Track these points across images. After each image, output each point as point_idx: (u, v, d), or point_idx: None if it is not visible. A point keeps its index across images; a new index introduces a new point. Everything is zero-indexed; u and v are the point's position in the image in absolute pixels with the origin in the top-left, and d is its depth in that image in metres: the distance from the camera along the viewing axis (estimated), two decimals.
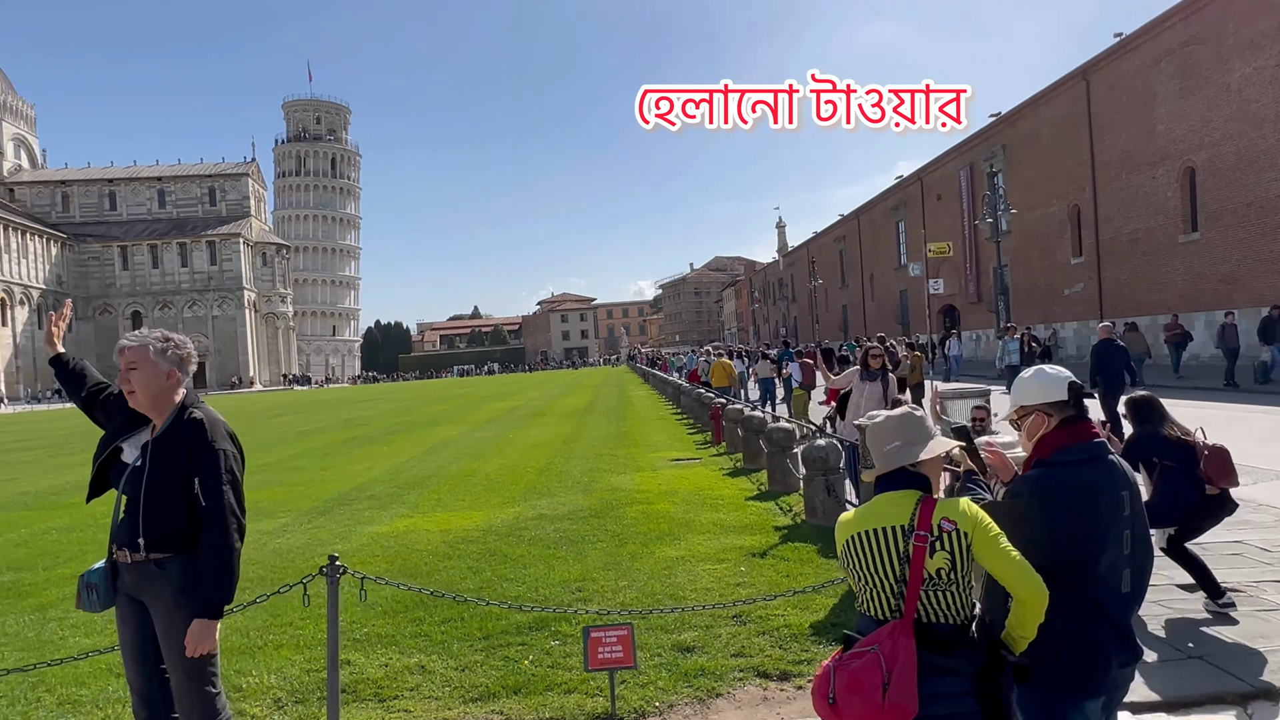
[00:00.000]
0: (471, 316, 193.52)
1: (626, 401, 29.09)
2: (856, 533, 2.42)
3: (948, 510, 2.42)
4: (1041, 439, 2.64)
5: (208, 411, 3.13)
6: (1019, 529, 2.51)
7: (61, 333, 3.62)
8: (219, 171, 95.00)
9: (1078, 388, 2.63)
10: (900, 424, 2.64)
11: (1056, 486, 2.51)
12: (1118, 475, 2.54)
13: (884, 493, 2.50)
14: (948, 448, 2.65)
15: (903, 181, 53.08)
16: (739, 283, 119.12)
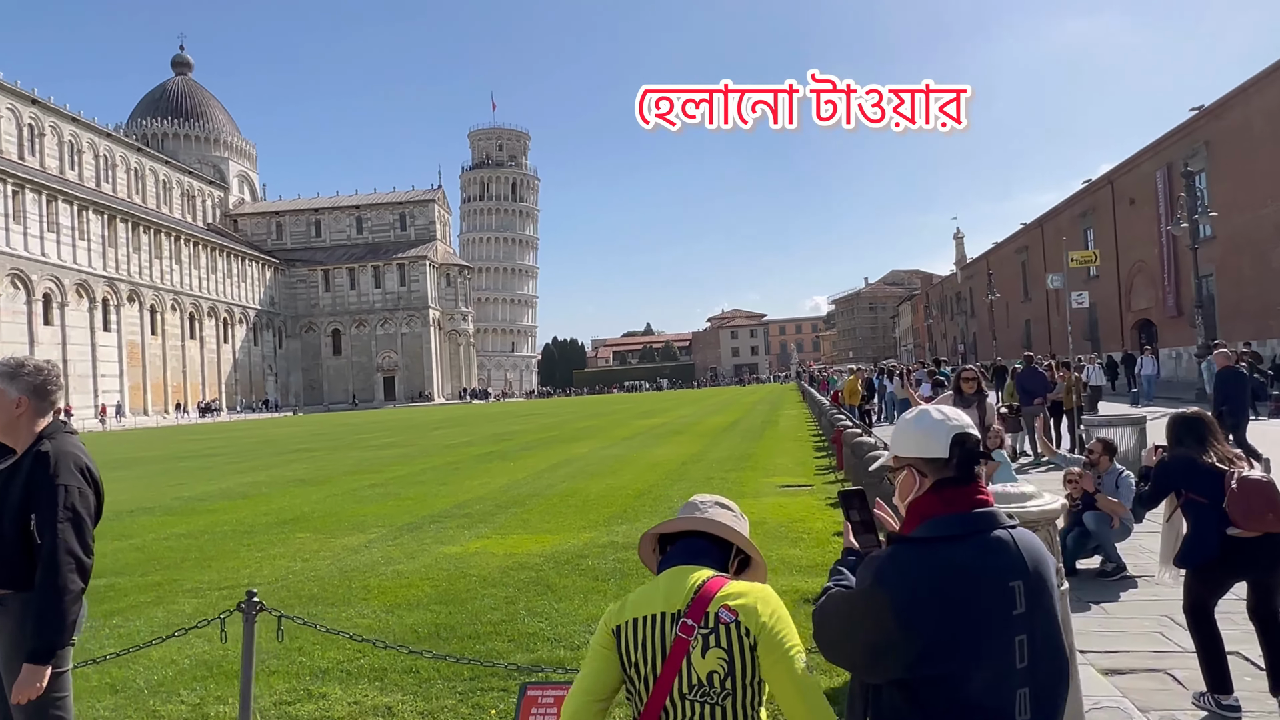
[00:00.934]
0: (644, 333, 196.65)
1: (772, 421, 28.22)
2: (622, 622, 1.90)
3: (734, 596, 1.87)
4: (911, 505, 1.98)
5: (62, 444, 2.99)
6: (858, 629, 1.88)
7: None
8: (409, 199, 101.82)
9: (962, 441, 1.95)
10: (733, 506, 2.14)
11: (909, 572, 1.85)
12: (1007, 559, 1.84)
13: (672, 566, 1.97)
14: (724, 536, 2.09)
15: (1090, 186, 48.80)
16: (915, 297, 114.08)
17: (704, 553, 1.99)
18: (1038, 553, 1.89)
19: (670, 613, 1.87)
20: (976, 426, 6.08)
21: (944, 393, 8.22)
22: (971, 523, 1.87)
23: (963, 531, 1.86)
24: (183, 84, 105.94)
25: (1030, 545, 1.89)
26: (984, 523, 1.87)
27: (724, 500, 2.11)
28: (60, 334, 60.25)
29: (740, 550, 2.07)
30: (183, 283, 76.84)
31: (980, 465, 1.98)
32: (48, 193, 61.12)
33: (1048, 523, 3.36)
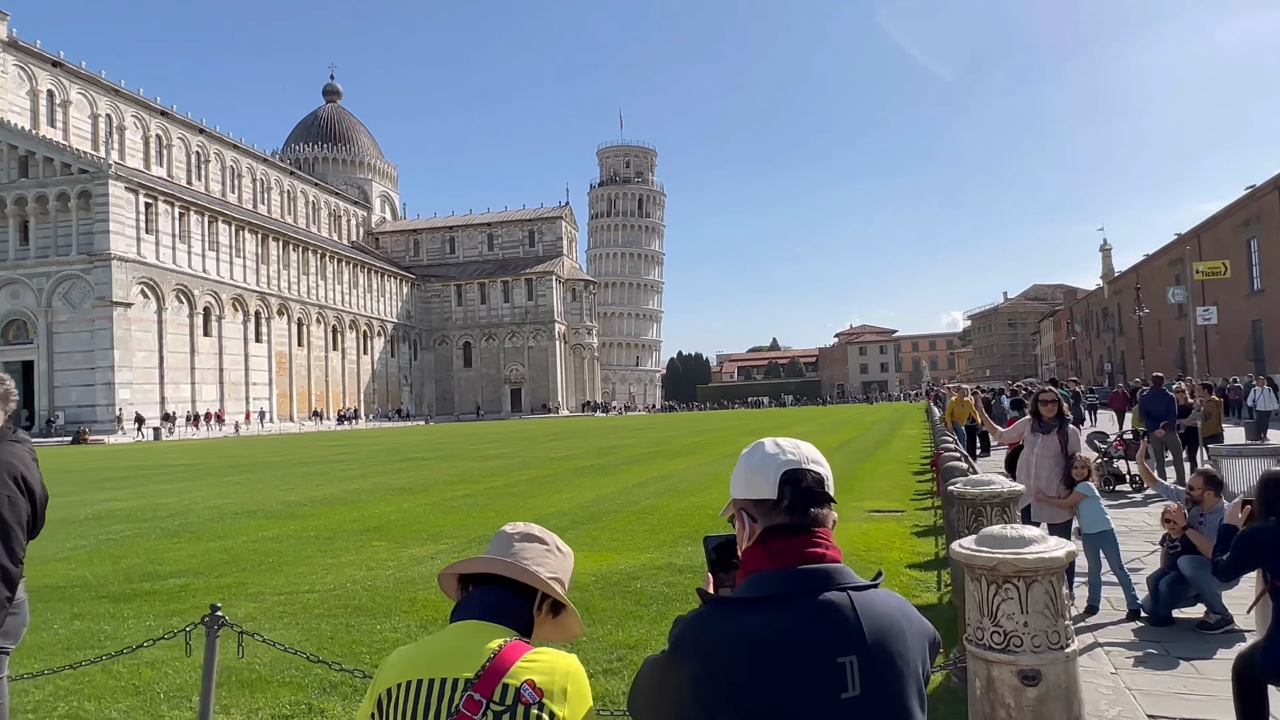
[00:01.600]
0: (770, 348, 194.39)
1: (885, 441, 27.10)
2: (399, 684, 1.60)
3: (540, 670, 1.57)
4: (742, 557, 1.65)
5: (4, 452, 3.02)
6: (661, 704, 1.57)
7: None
8: (537, 216, 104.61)
9: (795, 479, 1.60)
10: (549, 539, 1.84)
11: (711, 640, 1.52)
12: (836, 629, 1.48)
13: (465, 619, 1.69)
14: (578, 628, 1.82)
15: (1255, 192, 44.65)
16: (1058, 313, 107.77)
17: (503, 604, 1.70)
18: (886, 622, 1.52)
19: (452, 679, 1.55)
20: (1058, 456, 5.42)
21: (1021, 418, 7.50)
22: (797, 581, 1.52)
23: (784, 592, 1.51)
24: (333, 111, 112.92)
25: (876, 612, 1.52)
26: (813, 581, 1.52)
27: (535, 530, 1.82)
28: (217, 344, 65.00)
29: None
30: (327, 297, 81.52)
31: (825, 509, 1.64)
32: (209, 214, 66.22)
33: (1049, 574, 2.88)
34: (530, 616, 1.73)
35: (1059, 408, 6.89)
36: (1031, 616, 2.88)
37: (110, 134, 66.94)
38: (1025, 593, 2.88)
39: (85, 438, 48.98)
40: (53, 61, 63.06)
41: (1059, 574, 2.93)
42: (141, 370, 57.08)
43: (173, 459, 30.61)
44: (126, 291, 55.95)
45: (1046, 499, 6.81)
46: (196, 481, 20.41)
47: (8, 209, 56.90)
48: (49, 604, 7.62)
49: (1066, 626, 2.92)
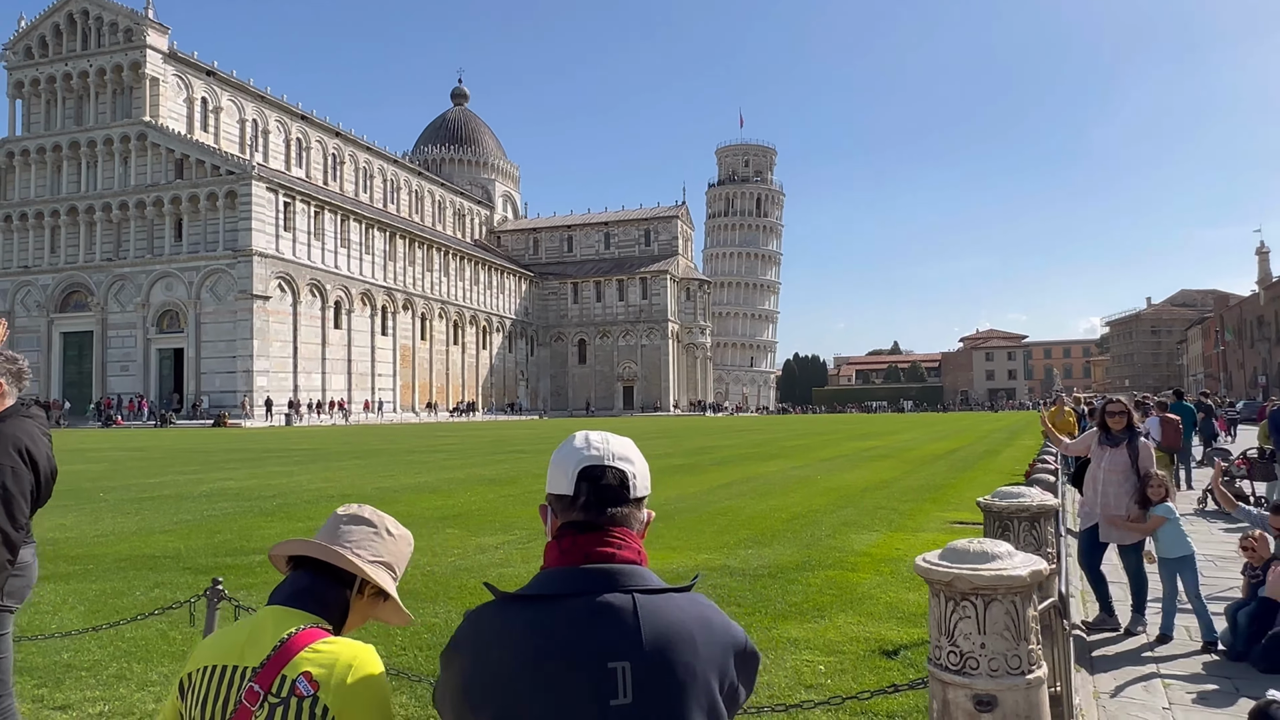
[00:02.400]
0: (890, 352, 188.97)
1: (995, 451, 25.90)
2: (189, 672, 1.62)
3: (322, 661, 1.55)
4: (545, 550, 1.61)
5: (10, 427, 3.24)
6: (445, 699, 1.54)
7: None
8: (653, 215, 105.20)
9: (595, 475, 1.53)
10: (377, 520, 1.83)
11: (485, 636, 1.48)
12: (612, 632, 1.42)
13: (273, 604, 1.69)
14: (402, 614, 1.79)
15: None
16: (1207, 320, 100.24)
17: (310, 588, 1.69)
18: (673, 629, 1.44)
19: (243, 668, 1.55)
20: (1128, 470, 5.07)
21: (1089, 430, 7.00)
22: (578, 580, 1.47)
23: (563, 591, 1.46)
24: (460, 114, 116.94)
25: (662, 618, 1.45)
26: (595, 581, 1.46)
27: (365, 513, 1.80)
28: (346, 336, 68.44)
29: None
30: (449, 293, 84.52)
31: (627, 508, 1.57)
32: (342, 212, 69.79)
33: (1009, 593, 2.68)
34: (344, 601, 1.72)
35: (1128, 419, 6.41)
36: (989, 638, 2.69)
37: (255, 137, 71.54)
38: (983, 612, 2.70)
39: (225, 421, 52.56)
40: (207, 71, 67.91)
41: (1024, 594, 2.73)
42: (277, 359, 60.74)
43: (296, 443, 32.44)
44: (265, 285, 59.66)
45: (1119, 522, 6.34)
46: (309, 465, 21.55)
47: (165, 208, 61.66)
48: (140, 572, 8.22)
49: (1030, 651, 2.72)
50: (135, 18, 62.65)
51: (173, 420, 54.32)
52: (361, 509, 1.82)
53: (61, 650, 5.51)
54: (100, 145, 63.09)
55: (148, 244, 62.16)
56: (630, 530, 1.54)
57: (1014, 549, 2.82)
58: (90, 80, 63.51)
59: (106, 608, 6.71)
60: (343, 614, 1.72)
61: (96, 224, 63.09)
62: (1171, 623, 6.24)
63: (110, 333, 62.22)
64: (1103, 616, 6.56)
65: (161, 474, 18.84)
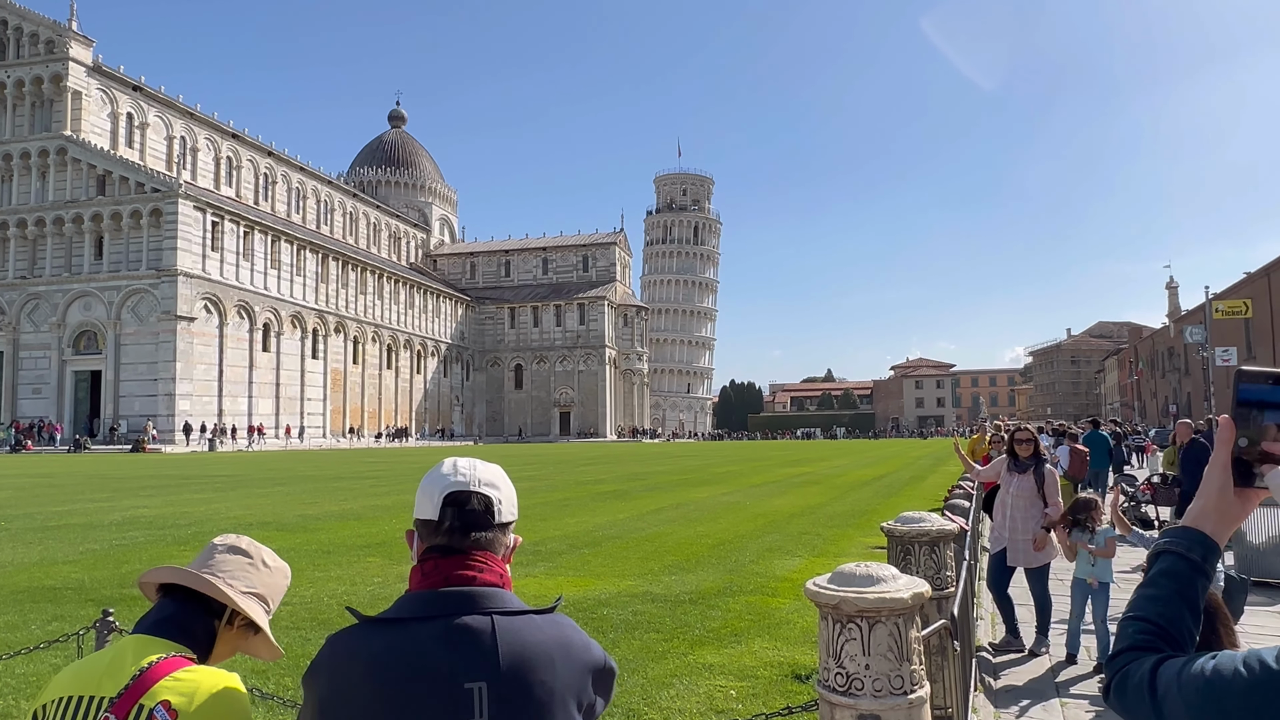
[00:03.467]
0: (824, 379, 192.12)
1: (921, 477, 26.50)
2: (52, 699, 1.58)
3: (182, 690, 1.52)
4: (410, 574, 1.63)
5: None
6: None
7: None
8: (591, 241, 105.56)
9: (460, 501, 1.55)
10: (253, 550, 1.82)
11: (339, 659, 1.50)
12: (468, 652, 1.43)
13: (137, 632, 1.67)
14: (270, 648, 1.79)
15: None
16: (1123, 351, 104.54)
17: (174, 617, 1.67)
18: (531, 650, 1.47)
19: (100, 697, 1.53)
20: (1035, 497, 5.26)
21: (998, 457, 7.26)
22: (436, 603, 1.49)
23: (422, 613, 1.49)
24: (397, 136, 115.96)
25: (521, 639, 1.47)
26: (453, 604, 1.49)
27: (242, 544, 1.79)
28: (275, 360, 66.76)
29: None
30: (383, 317, 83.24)
31: (491, 533, 1.60)
32: (273, 233, 68.35)
33: (893, 615, 2.77)
34: (211, 631, 1.70)
35: (1035, 447, 6.67)
36: (874, 659, 2.77)
37: (184, 155, 69.74)
38: (868, 633, 2.79)
39: (144, 446, 50.65)
40: (133, 86, 66.08)
41: (907, 616, 2.83)
42: (201, 383, 58.91)
43: (218, 469, 31.44)
44: (190, 306, 57.94)
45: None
46: (229, 493, 20.91)
47: (84, 225, 59.54)
48: (38, 605, 7.87)
49: (913, 671, 2.81)
50: (57, 29, 60.74)
51: (87, 445, 52.12)
52: (239, 539, 1.81)
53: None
54: (17, 159, 60.76)
55: (65, 262, 59.90)
56: (494, 554, 1.57)
57: (899, 573, 2.92)
58: (8, 92, 61.25)
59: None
60: (209, 644, 1.71)
61: (10, 240, 60.58)
62: (1077, 643, 6.47)
63: (22, 353, 59.57)
64: (1008, 638, 6.76)
65: (71, 501, 18.06)
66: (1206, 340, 23.26)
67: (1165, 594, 1.12)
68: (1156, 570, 1.15)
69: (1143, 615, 1.13)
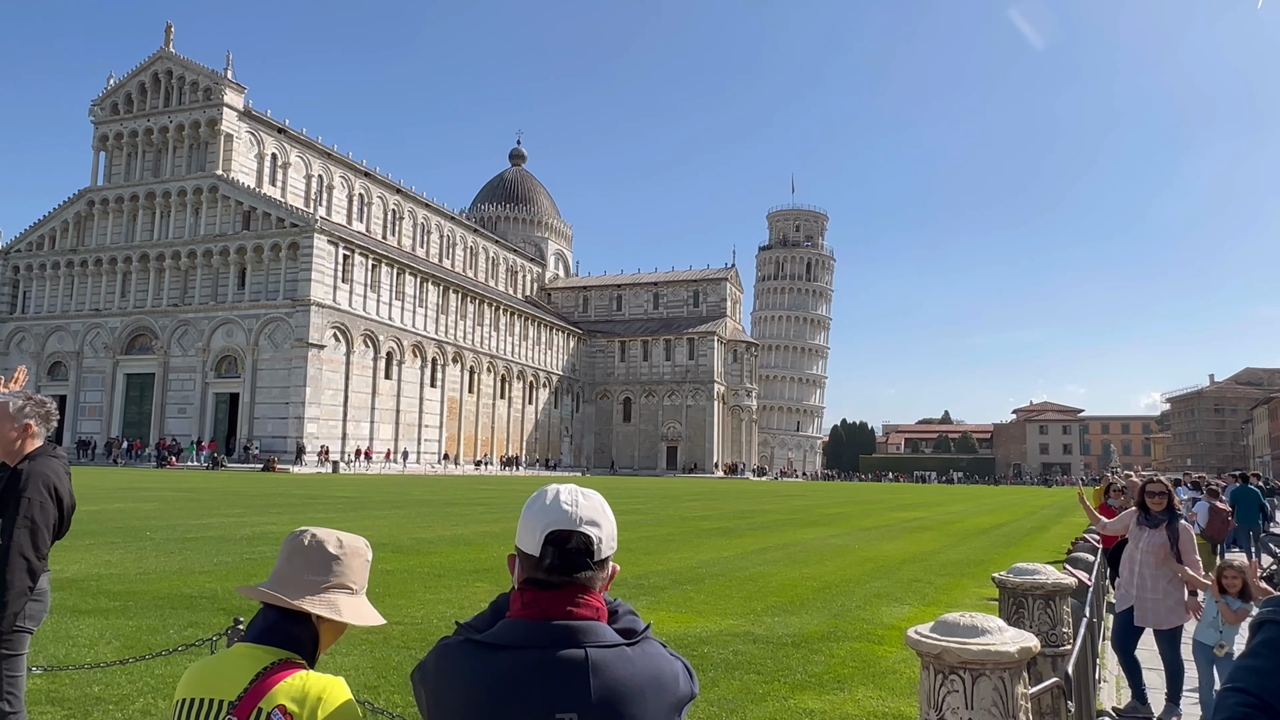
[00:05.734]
0: (941, 421, 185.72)
1: (1043, 528, 25.20)
2: (182, 699, 1.75)
3: (296, 694, 1.67)
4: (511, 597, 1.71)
5: (40, 465, 3.47)
6: (419, 707, 1.67)
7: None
8: (702, 277, 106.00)
9: (560, 540, 1.60)
10: (322, 546, 1.87)
11: (447, 675, 1.59)
12: (563, 683, 1.51)
13: (243, 640, 1.81)
14: (368, 620, 1.86)
15: None
16: (1274, 400, 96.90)
17: (276, 625, 1.79)
18: (624, 684, 1.53)
19: (220, 701, 1.68)
20: (1167, 554, 5.02)
21: (1127, 510, 6.85)
22: (536, 633, 1.57)
23: (523, 642, 1.56)
24: (517, 173, 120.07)
25: (614, 673, 1.53)
26: (554, 637, 1.56)
27: (306, 538, 1.85)
28: (396, 387, 69.64)
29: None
30: (498, 347, 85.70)
31: (591, 571, 1.65)
32: (399, 266, 71.66)
33: (998, 669, 2.69)
34: (312, 631, 1.82)
35: (1169, 501, 6.29)
36: (977, 713, 2.69)
37: (320, 192, 74.24)
38: (971, 686, 2.71)
39: (274, 466, 53.57)
40: (278, 129, 70.99)
41: (1013, 670, 2.73)
42: (328, 407, 61.99)
43: (340, 491, 32.91)
44: (321, 334, 61.24)
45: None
46: (351, 513, 21.85)
47: (230, 257, 64.03)
48: (176, 611, 8.43)
49: None
50: (214, 78, 66.01)
51: (224, 463, 55.52)
52: (305, 535, 1.88)
53: (93, 683, 5.69)
54: (174, 196, 66.03)
55: (212, 291, 64.43)
56: (591, 589, 1.63)
57: (1005, 625, 2.83)
58: (169, 135, 66.82)
59: (140, 644, 6.90)
60: (314, 643, 1.84)
61: (166, 271, 65.68)
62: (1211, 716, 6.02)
63: (171, 375, 64.21)
64: (1134, 704, 6.36)
65: (208, 516, 19.27)
66: None
67: (1269, 666, 1.09)
68: (1259, 640, 1.12)
69: (1243, 687, 1.10)
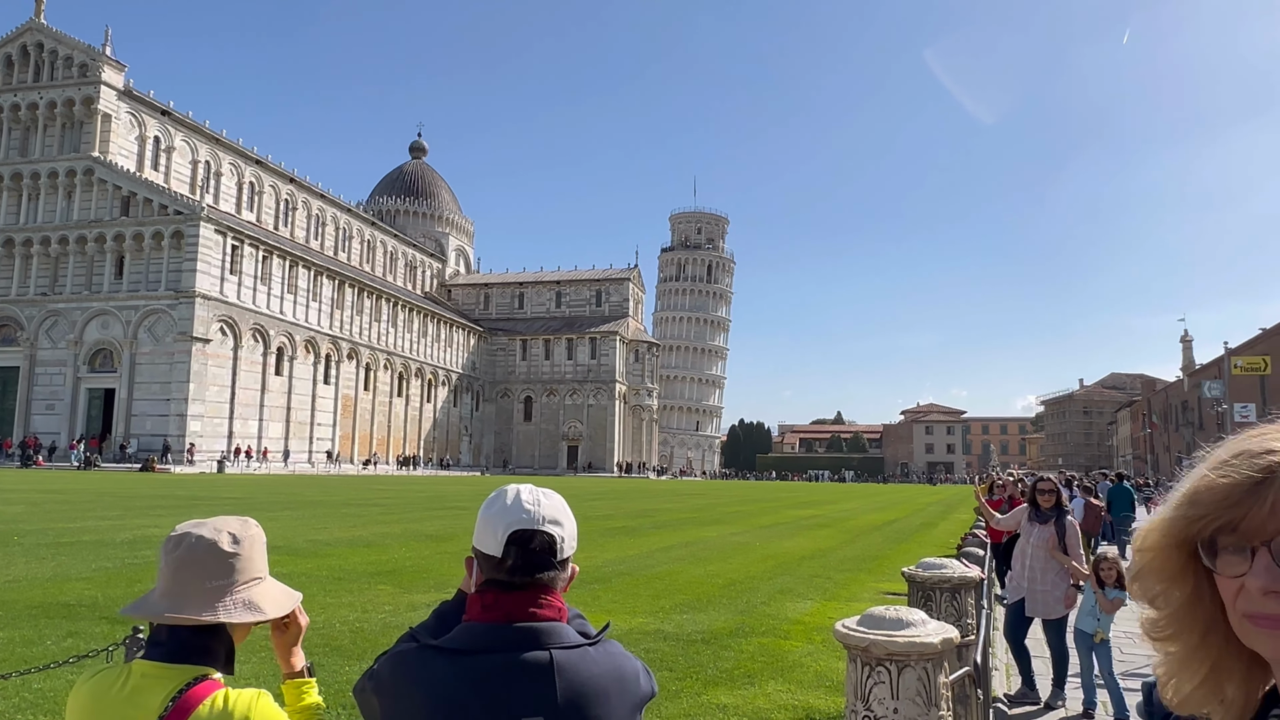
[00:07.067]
0: (834, 421, 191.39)
1: (932, 524, 26.31)
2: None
3: (220, 714, 1.53)
4: (468, 601, 1.67)
5: None
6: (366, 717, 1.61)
7: None
8: (605, 277, 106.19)
9: (524, 540, 1.56)
10: (214, 547, 1.66)
11: (403, 682, 1.55)
12: (528, 685, 1.48)
13: (147, 659, 1.62)
14: (290, 604, 1.75)
15: None
16: (1136, 404, 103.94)
17: (189, 642, 1.60)
18: (589, 685, 1.51)
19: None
20: (1056, 548, 5.26)
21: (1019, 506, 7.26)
22: (500, 637, 1.53)
23: (487, 647, 1.52)
24: (417, 167, 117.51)
25: (579, 674, 1.52)
26: (516, 639, 1.52)
27: (197, 538, 1.65)
28: (287, 384, 67.09)
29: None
30: (396, 344, 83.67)
31: (553, 571, 1.63)
32: (291, 258, 69.07)
33: (922, 660, 2.79)
34: (225, 640, 1.66)
35: (1057, 498, 6.68)
36: (902, 703, 2.79)
37: (207, 179, 70.78)
38: (897, 677, 2.80)
39: (154, 466, 50.79)
40: (162, 110, 67.34)
41: (936, 660, 2.84)
42: (213, 404, 59.19)
43: (226, 491, 31.49)
44: (206, 328, 58.42)
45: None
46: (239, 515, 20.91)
47: (107, 244, 60.34)
48: (53, 621, 7.90)
49: (941, 717, 2.82)
50: (92, 53, 62.10)
51: (97, 463, 52.32)
52: (184, 539, 1.67)
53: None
54: (45, 178, 61.82)
55: (86, 280, 60.62)
56: (554, 590, 1.61)
57: (928, 617, 2.94)
58: (39, 112, 62.48)
59: (14, 657, 6.43)
60: (229, 649, 1.68)
61: (34, 257, 61.41)
62: (1093, 698, 6.40)
63: (38, 369, 60.06)
64: (1024, 690, 6.71)
65: (82, 519, 18.13)
66: (1225, 395, 23.07)
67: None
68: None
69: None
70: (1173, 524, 0.86)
